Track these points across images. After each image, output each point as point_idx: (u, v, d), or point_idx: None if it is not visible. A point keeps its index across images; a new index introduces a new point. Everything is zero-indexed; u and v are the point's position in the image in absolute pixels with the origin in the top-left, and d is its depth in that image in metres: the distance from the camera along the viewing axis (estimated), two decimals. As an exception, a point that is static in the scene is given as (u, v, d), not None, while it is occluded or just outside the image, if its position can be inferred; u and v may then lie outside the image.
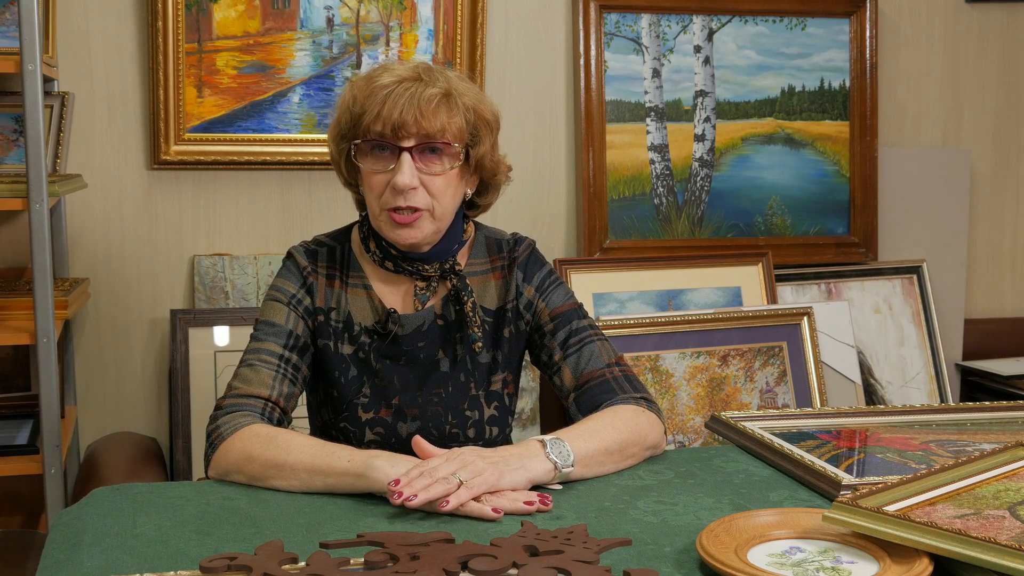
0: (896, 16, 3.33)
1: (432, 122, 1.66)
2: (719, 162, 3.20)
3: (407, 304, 1.79)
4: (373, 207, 1.72)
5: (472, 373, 1.79)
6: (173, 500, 1.48)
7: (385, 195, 1.69)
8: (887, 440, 1.71)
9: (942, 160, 3.37)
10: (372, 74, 1.72)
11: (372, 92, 1.68)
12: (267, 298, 1.77)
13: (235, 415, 1.64)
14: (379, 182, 1.69)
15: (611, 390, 1.75)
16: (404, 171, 1.66)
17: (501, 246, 1.85)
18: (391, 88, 1.67)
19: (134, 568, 1.24)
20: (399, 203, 1.68)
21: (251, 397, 1.67)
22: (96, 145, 2.83)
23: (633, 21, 3.11)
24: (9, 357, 2.75)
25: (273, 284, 1.78)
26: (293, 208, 2.96)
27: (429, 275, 1.77)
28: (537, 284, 1.83)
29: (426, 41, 2.98)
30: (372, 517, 1.42)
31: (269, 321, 1.74)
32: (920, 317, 3.28)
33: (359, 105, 1.69)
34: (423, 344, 1.77)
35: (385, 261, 1.78)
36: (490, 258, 1.84)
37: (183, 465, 2.72)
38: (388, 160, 1.68)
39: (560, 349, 1.80)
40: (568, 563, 1.17)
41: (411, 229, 1.70)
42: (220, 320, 2.80)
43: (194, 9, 2.81)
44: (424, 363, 1.77)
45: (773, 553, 1.24)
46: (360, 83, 1.71)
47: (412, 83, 1.67)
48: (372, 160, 1.70)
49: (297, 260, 1.79)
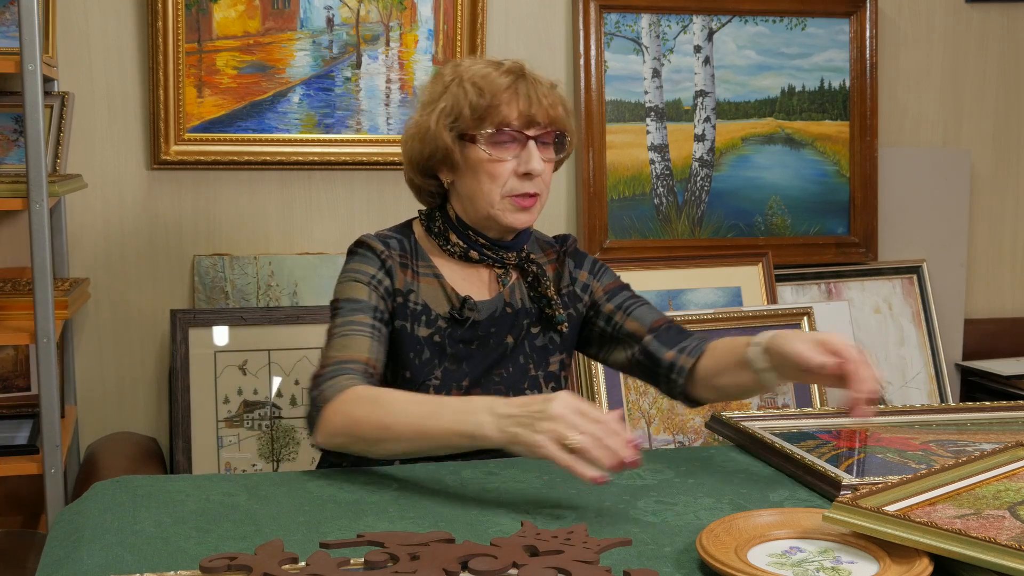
0: (896, 16, 3.33)
1: (554, 113, 1.79)
2: (719, 162, 3.20)
3: (480, 292, 1.86)
4: (490, 194, 1.79)
5: (531, 355, 1.87)
6: (173, 495, 1.48)
7: (510, 182, 1.78)
8: (887, 440, 1.71)
9: (942, 160, 3.37)
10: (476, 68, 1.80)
11: (493, 81, 1.77)
12: (344, 280, 1.80)
13: (338, 378, 1.65)
14: (504, 169, 1.77)
15: (686, 332, 1.87)
16: (536, 158, 1.77)
17: (551, 243, 1.97)
18: (510, 81, 1.77)
19: (134, 566, 1.24)
20: (527, 189, 1.78)
21: (351, 361, 1.69)
22: (96, 145, 2.83)
23: (633, 21, 3.11)
24: (9, 357, 2.75)
25: (347, 269, 1.81)
26: (293, 208, 2.96)
27: (509, 263, 1.86)
28: (589, 268, 1.96)
29: (426, 41, 2.98)
30: (372, 517, 1.42)
31: (352, 298, 1.77)
32: (920, 317, 3.28)
33: (487, 97, 1.76)
34: (495, 330, 1.84)
35: (469, 251, 1.85)
36: (544, 253, 1.95)
37: (183, 465, 2.72)
38: (513, 148, 1.78)
39: (621, 311, 1.91)
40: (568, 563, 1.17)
41: (529, 214, 1.81)
42: (220, 320, 2.80)
43: (194, 9, 2.81)
44: (494, 347, 1.84)
45: (773, 553, 1.24)
46: (475, 76, 1.78)
47: (524, 79, 1.79)
48: (497, 149, 1.77)
49: (372, 245, 1.82)
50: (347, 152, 2.95)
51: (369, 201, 3.00)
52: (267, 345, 2.82)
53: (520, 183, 1.78)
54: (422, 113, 1.85)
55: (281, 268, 2.91)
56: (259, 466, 2.78)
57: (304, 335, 2.84)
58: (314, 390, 1.67)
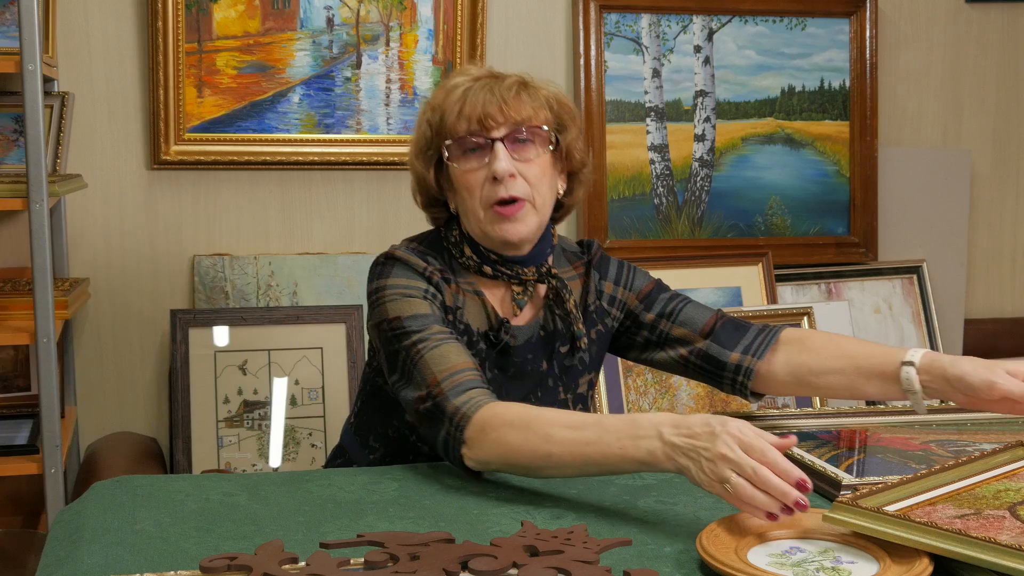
0: (896, 16, 3.33)
1: (518, 109, 1.68)
2: (719, 162, 3.20)
3: (505, 310, 1.76)
4: (475, 209, 1.69)
5: (560, 377, 1.78)
6: (173, 495, 1.48)
7: (485, 190, 1.68)
8: (887, 440, 1.70)
9: (942, 160, 3.37)
10: (444, 83, 1.75)
11: (448, 93, 1.70)
12: (393, 298, 1.67)
13: (467, 393, 1.53)
14: (476, 179, 1.68)
15: (742, 325, 1.80)
16: (500, 158, 1.66)
17: (577, 254, 1.86)
18: (468, 85, 1.69)
19: (134, 566, 1.24)
20: (501, 194, 1.66)
21: (462, 371, 1.57)
22: (96, 145, 2.83)
23: (633, 21, 3.11)
24: (9, 357, 2.75)
25: (390, 285, 1.68)
26: (293, 208, 2.96)
27: (527, 278, 1.75)
28: (614, 278, 1.85)
29: (426, 41, 2.98)
30: (372, 517, 1.42)
31: (415, 315, 1.64)
32: (920, 317, 3.28)
33: (439, 110, 1.69)
34: (531, 356, 1.75)
35: (483, 266, 1.74)
36: (572, 266, 1.84)
37: (183, 465, 2.72)
38: (481, 155, 1.68)
39: (665, 318, 1.82)
40: (568, 563, 1.17)
41: (516, 223, 1.68)
42: (220, 320, 2.80)
43: (194, 9, 2.81)
44: (530, 374, 1.75)
45: (773, 553, 1.24)
46: (435, 93, 1.74)
47: (487, 79, 1.70)
48: (464, 160, 1.69)
49: (410, 261, 1.70)
50: (347, 152, 2.95)
51: (369, 201, 3.00)
52: (267, 345, 2.82)
53: (493, 188, 1.67)
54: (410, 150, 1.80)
55: (281, 268, 2.91)
56: (259, 466, 2.78)
57: (304, 335, 2.84)
58: (440, 410, 1.54)
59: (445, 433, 1.53)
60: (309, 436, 2.82)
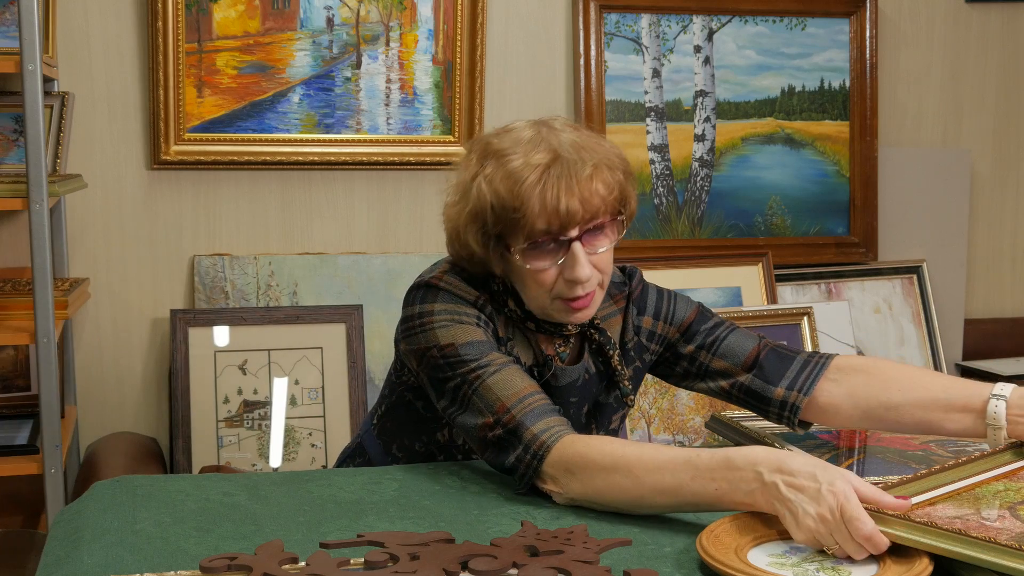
0: (896, 16, 3.33)
1: (594, 202, 1.55)
2: (719, 162, 3.20)
3: (549, 349, 1.69)
4: (540, 298, 1.59)
5: (594, 414, 1.74)
6: (173, 495, 1.48)
7: (558, 287, 1.57)
8: (887, 440, 1.70)
9: (942, 160, 3.37)
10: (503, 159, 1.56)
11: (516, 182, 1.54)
12: (445, 324, 1.58)
13: (544, 420, 1.48)
14: (548, 277, 1.57)
15: (787, 356, 1.71)
16: (582, 264, 1.55)
17: (619, 286, 1.77)
18: (542, 179, 1.53)
19: (134, 566, 1.24)
20: (578, 293, 1.57)
21: (530, 395, 1.51)
22: (96, 145, 2.83)
23: (633, 21, 3.11)
24: (9, 357, 2.75)
25: (437, 310, 1.59)
26: (293, 208, 2.96)
27: (570, 334, 1.68)
28: (652, 312, 1.77)
29: (426, 41, 2.98)
30: (372, 517, 1.42)
31: (471, 341, 1.56)
32: (920, 317, 3.28)
33: (511, 204, 1.54)
34: (576, 400, 1.69)
35: (527, 321, 1.66)
36: (613, 300, 1.76)
37: (183, 465, 2.72)
38: (555, 254, 1.56)
39: (704, 350, 1.75)
40: (568, 563, 1.17)
41: (587, 310, 1.61)
42: (220, 320, 2.80)
43: (194, 9, 2.81)
44: (572, 417, 1.69)
45: (773, 554, 1.24)
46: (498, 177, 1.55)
47: (558, 164, 1.54)
48: (535, 259, 1.56)
49: (460, 290, 1.62)
50: (347, 152, 2.95)
51: (369, 201, 3.00)
52: (267, 345, 2.82)
53: (570, 288, 1.56)
54: (452, 202, 1.63)
55: (281, 268, 2.91)
56: (259, 466, 2.78)
57: (304, 335, 2.84)
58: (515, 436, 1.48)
59: (516, 459, 1.48)
60: (309, 436, 2.82)
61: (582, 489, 1.42)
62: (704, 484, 1.32)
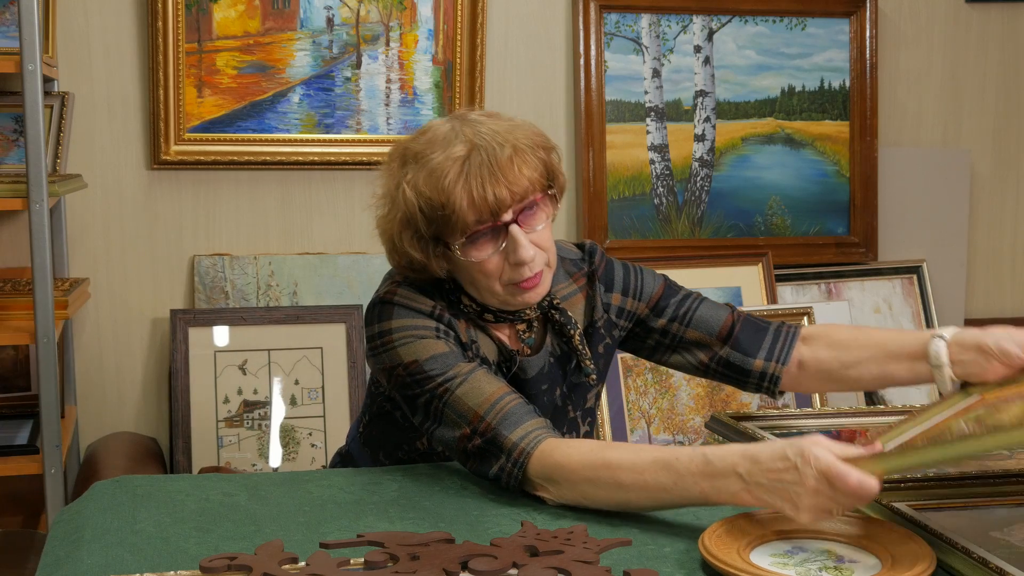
0: (896, 16, 3.33)
1: (520, 182, 1.55)
2: (719, 162, 3.20)
3: (512, 343, 1.69)
4: (490, 287, 1.59)
5: (568, 396, 1.74)
6: (173, 495, 1.48)
7: (506, 273, 1.58)
8: (887, 440, 1.70)
9: (942, 160, 3.37)
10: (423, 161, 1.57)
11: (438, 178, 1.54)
12: (407, 342, 1.57)
13: (521, 426, 1.48)
14: (494, 265, 1.57)
15: (761, 326, 1.75)
16: (524, 245, 1.55)
17: (577, 264, 1.78)
18: (459, 168, 1.54)
19: (134, 566, 1.23)
20: (526, 275, 1.58)
21: (503, 397, 1.51)
22: (96, 145, 2.83)
23: (633, 21, 3.11)
24: (9, 357, 2.75)
25: (395, 327, 1.58)
26: (293, 208, 2.96)
27: (529, 317, 1.68)
28: (621, 288, 1.77)
29: (426, 41, 2.98)
30: (372, 517, 1.42)
31: (434, 355, 1.55)
32: (920, 317, 3.28)
33: (439, 205, 1.54)
34: (546, 387, 1.70)
35: (484, 313, 1.65)
36: (572, 279, 1.76)
37: (183, 465, 2.72)
38: (495, 241, 1.56)
39: (677, 322, 1.76)
40: (568, 563, 1.17)
41: (539, 289, 1.61)
42: (220, 320, 2.80)
43: (194, 9, 2.81)
44: (546, 404, 1.70)
45: (776, 553, 1.24)
46: (421, 179, 1.56)
47: (476, 154, 1.54)
48: (477, 250, 1.56)
49: (415, 303, 1.60)
50: (347, 152, 2.95)
51: (369, 201, 2.99)
52: (267, 345, 2.82)
53: (517, 271, 1.57)
54: (384, 215, 1.64)
55: (281, 268, 2.91)
56: (259, 466, 2.78)
57: (304, 335, 2.84)
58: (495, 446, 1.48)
59: (499, 469, 1.48)
60: (309, 436, 2.82)
61: (569, 495, 1.44)
62: (688, 487, 1.34)
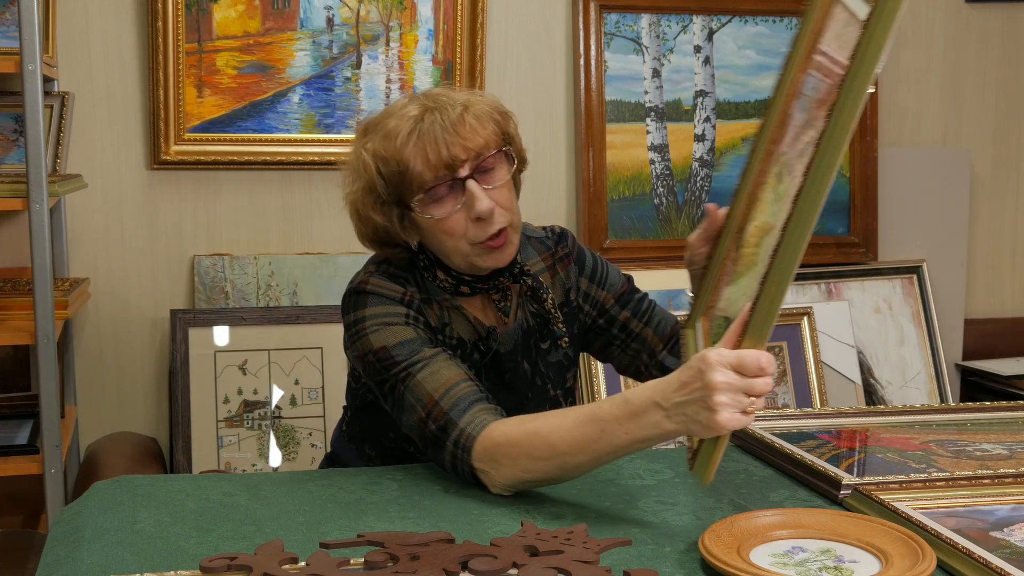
0: (896, 16, 3.32)
1: (474, 139, 1.60)
2: (719, 162, 3.20)
3: (489, 319, 1.73)
4: (458, 248, 1.63)
5: (547, 375, 1.77)
6: (173, 495, 1.48)
7: (469, 231, 1.61)
8: (887, 440, 1.70)
9: (942, 160, 3.37)
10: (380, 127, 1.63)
11: (393, 139, 1.60)
12: (375, 329, 1.61)
13: (469, 412, 1.52)
14: (457, 223, 1.61)
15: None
16: (480, 197, 1.59)
17: (545, 243, 1.82)
18: (412, 127, 1.60)
19: (134, 566, 1.24)
20: (489, 231, 1.61)
21: (456, 384, 1.55)
22: (96, 145, 2.83)
23: (633, 21, 3.11)
24: (9, 357, 2.75)
25: (368, 315, 1.63)
26: (293, 208, 2.96)
27: (505, 285, 1.71)
28: (589, 274, 1.83)
29: (426, 41, 2.98)
30: (372, 517, 1.42)
31: (401, 341, 1.60)
32: (920, 317, 3.28)
33: (393, 161, 1.60)
34: (522, 359, 1.73)
35: (460, 286, 1.69)
36: (541, 256, 1.80)
37: (183, 465, 2.72)
38: (453, 198, 1.61)
39: (637, 318, 1.82)
40: (568, 563, 1.17)
41: (505, 250, 1.64)
42: (220, 320, 2.80)
43: (194, 9, 2.81)
44: (521, 376, 1.74)
45: (776, 553, 1.24)
46: (377, 143, 1.62)
47: (428, 114, 1.61)
48: (437, 207, 1.61)
49: (386, 290, 1.65)
50: (347, 152, 2.94)
51: (369, 201, 3.00)
52: (267, 345, 2.82)
53: (479, 228, 1.61)
54: (349, 189, 1.68)
55: (281, 268, 2.91)
56: (259, 466, 2.78)
57: (304, 335, 2.84)
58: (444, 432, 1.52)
59: (451, 456, 1.52)
60: (309, 436, 2.82)
61: (511, 473, 1.47)
62: (615, 432, 1.38)
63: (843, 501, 1.44)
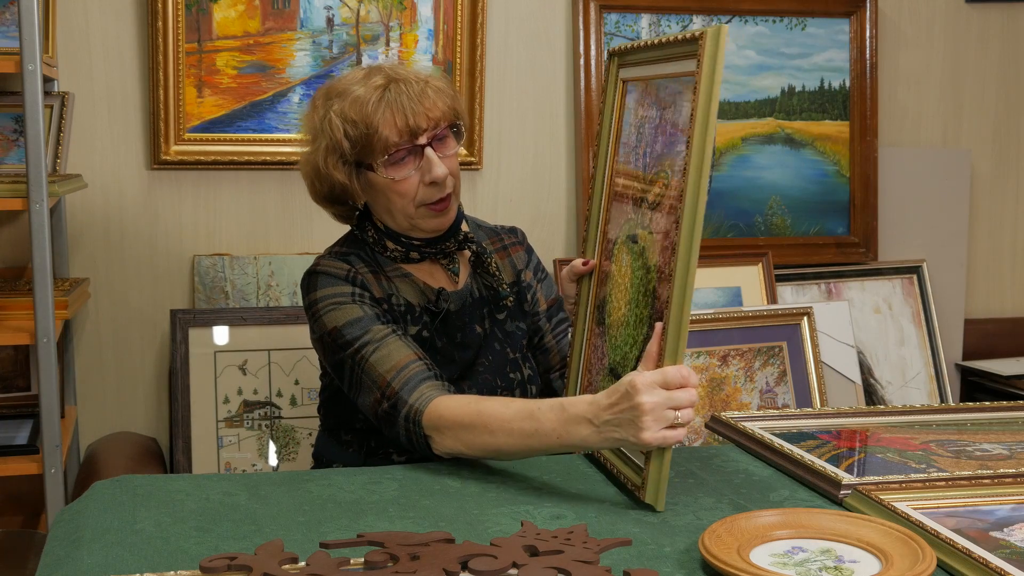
0: (896, 16, 3.33)
1: (433, 111, 1.76)
2: (719, 162, 3.20)
3: (439, 282, 1.87)
4: (405, 209, 1.79)
5: (505, 340, 1.90)
6: (173, 495, 1.48)
7: (420, 194, 1.77)
8: (887, 440, 1.71)
9: (942, 160, 3.37)
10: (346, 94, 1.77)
11: (362, 104, 1.75)
12: (327, 310, 1.76)
13: (418, 389, 1.65)
14: (411, 185, 1.77)
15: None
16: (437, 164, 1.76)
17: (496, 231, 1.99)
18: (380, 95, 1.75)
19: (134, 566, 1.24)
20: (439, 195, 1.78)
21: (406, 365, 1.68)
22: (96, 145, 2.83)
23: (633, 21, 3.11)
24: (9, 357, 2.75)
25: (319, 297, 1.78)
26: (293, 208, 2.96)
27: (451, 249, 1.86)
28: (534, 269, 1.99)
29: (426, 41, 2.98)
30: (372, 517, 1.42)
31: (350, 321, 1.74)
32: (920, 317, 3.28)
33: (363, 125, 1.75)
34: (469, 319, 1.86)
35: (409, 253, 1.84)
36: (490, 240, 1.97)
37: (183, 465, 2.72)
38: (411, 162, 1.77)
39: (551, 334, 1.98)
40: (568, 563, 1.17)
41: (447, 214, 1.81)
42: (220, 320, 2.80)
43: (194, 9, 2.81)
44: (472, 336, 1.86)
45: (775, 553, 1.24)
46: (346, 106, 1.76)
47: (393, 84, 1.76)
48: (396, 169, 1.76)
49: (333, 269, 1.80)
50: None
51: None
52: (267, 345, 2.82)
53: (430, 191, 1.78)
54: (309, 148, 1.83)
55: (281, 268, 2.91)
56: (259, 466, 2.78)
57: (304, 335, 2.83)
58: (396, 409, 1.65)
59: (405, 431, 1.65)
60: (309, 436, 2.82)
61: (451, 444, 1.60)
62: (548, 433, 1.50)
63: (843, 501, 1.44)
